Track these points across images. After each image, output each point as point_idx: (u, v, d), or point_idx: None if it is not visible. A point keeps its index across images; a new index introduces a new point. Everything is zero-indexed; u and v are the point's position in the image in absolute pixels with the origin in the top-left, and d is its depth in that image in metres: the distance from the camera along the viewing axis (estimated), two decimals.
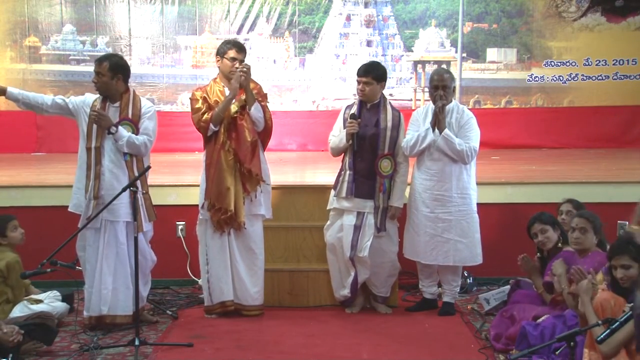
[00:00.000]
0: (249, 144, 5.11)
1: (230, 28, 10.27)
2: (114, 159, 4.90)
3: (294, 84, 10.35)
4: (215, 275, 5.21)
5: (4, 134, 9.71)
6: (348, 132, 5.15)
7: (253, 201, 5.18)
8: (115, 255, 4.91)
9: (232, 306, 5.25)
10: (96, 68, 4.95)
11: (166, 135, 9.65)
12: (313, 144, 9.94)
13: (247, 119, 5.12)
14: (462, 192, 5.20)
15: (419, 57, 10.36)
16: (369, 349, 4.61)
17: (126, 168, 4.91)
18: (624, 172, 7.39)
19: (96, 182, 4.86)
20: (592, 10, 10.15)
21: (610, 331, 3.09)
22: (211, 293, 5.24)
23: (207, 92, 5.19)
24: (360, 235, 5.17)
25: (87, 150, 4.93)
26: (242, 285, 5.23)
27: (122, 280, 4.91)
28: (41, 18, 10.15)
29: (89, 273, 4.96)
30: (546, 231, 4.82)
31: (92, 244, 4.93)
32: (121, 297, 4.91)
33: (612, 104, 9.99)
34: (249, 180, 5.13)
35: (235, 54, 5.13)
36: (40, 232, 5.73)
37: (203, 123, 5.11)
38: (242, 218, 5.12)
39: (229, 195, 5.08)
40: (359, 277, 5.24)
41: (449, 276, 5.37)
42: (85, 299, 5.03)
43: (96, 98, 5.00)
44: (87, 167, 4.92)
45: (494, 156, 8.53)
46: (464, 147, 5.08)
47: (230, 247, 5.20)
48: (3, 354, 4.20)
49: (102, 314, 4.92)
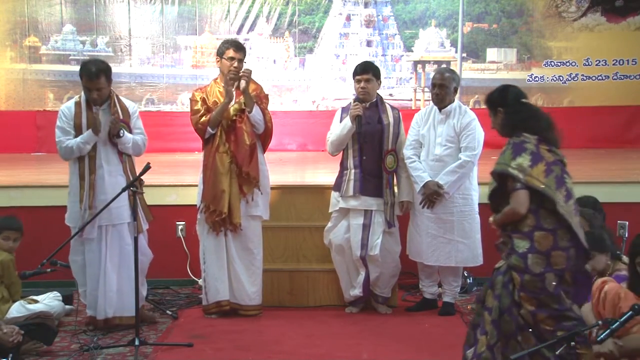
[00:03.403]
0: (247, 147, 5.11)
1: (230, 28, 10.27)
2: (111, 164, 4.88)
3: (294, 84, 10.36)
4: (211, 275, 5.21)
5: (4, 134, 9.72)
6: (352, 114, 5.11)
7: (250, 203, 5.18)
8: (119, 257, 4.90)
9: (227, 306, 5.25)
10: (94, 86, 4.78)
11: (166, 135, 9.68)
12: (313, 144, 9.94)
13: (246, 122, 5.12)
14: (464, 193, 5.20)
15: (419, 57, 10.36)
16: (369, 349, 4.61)
17: (123, 171, 4.90)
18: (624, 172, 7.38)
19: (91, 192, 4.82)
20: (592, 10, 10.16)
21: (610, 331, 3.08)
22: (207, 292, 5.25)
23: (206, 93, 5.20)
24: (370, 233, 5.16)
25: (78, 160, 4.87)
26: (239, 285, 5.23)
27: (126, 281, 4.89)
28: (41, 18, 10.16)
29: (91, 277, 4.93)
30: None
31: (93, 250, 4.90)
32: (126, 299, 4.88)
33: (612, 104, 9.99)
34: (245, 182, 5.14)
35: (233, 53, 5.12)
36: (40, 232, 5.73)
37: (200, 125, 5.12)
38: (238, 219, 5.12)
39: (224, 197, 5.09)
40: (370, 275, 5.24)
41: (450, 276, 5.37)
42: (87, 301, 5.01)
43: (71, 105, 4.92)
44: (79, 177, 4.87)
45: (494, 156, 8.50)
46: (461, 170, 5.08)
47: (228, 247, 5.20)
48: (3, 354, 4.20)
49: (107, 317, 4.91)
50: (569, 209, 3.51)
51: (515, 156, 3.57)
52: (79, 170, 4.87)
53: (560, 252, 3.49)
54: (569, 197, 3.54)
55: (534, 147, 3.59)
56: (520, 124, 3.66)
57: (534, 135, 3.63)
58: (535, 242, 3.51)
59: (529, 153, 3.56)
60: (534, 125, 3.66)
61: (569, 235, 3.52)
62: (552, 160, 3.58)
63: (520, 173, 3.52)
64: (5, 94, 10.16)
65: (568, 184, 3.57)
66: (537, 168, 3.53)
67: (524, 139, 3.62)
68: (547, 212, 3.52)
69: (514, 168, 3.54)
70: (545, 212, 3.53)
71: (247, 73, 5.06)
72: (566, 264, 3.50)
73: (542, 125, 3.66)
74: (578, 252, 3.53)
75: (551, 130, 3.68)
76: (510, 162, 3.58)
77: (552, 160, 3.58)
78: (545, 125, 3.67)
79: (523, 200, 3.51)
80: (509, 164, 3.57)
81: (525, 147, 3.59)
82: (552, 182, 3.52)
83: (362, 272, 5.25)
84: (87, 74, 4.82)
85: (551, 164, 3.57)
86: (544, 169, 3.54)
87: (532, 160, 3.54)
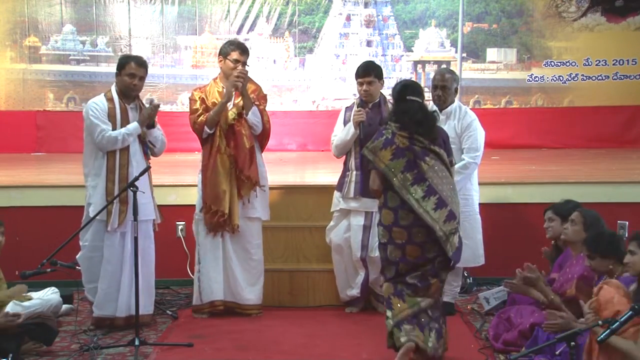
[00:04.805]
0: (247, 150, 5.11)
1: (230, 28, 10.27)
2: (138, 161, 4.94)
3: (294, 84, 10.36)
4: (206, 275, 5.21)
5: (4, 134, 9.72)
6: (356, 120, 5.10)
7: (246, 205, 5.18)
8: (141, 253, 4.78)
9: (221, 306, 5.24)
10: (140, 72, 4.91)
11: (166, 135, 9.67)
12: (313, 144, 9.94)
13: (245, 125, 5.13)
14: (464, 194, 5.18)
15: (419, 57, 10.37)
16: (369, 349, 4.61)
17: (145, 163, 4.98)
18: (624, 172, 7.38)
19: (121, 185, 4.82)
20: (592, 10, 10.16)
21: (611, 331, 3.08)
22: (201, 292, 5.24)
23: (205, 92, 5.20)
24: (371, 234, 5.15)
25: (107, 154, 4.87)
26: (236, 285, 5.22)
27: (144, 279, 4.86)
28: (41, 18, 10.16)
29: (110, 274, 4.92)
30: (552, 221, 4.80)
31: (115, 245, 4.91)
32: (143, 297, 4.84)
33: (612, 104, 10.00)
34: (244, 185, 5.14)
35: (238, 56, 5.12)
36: (40, 232, 5.74)
37: (198, 125, 5.13)
38: (237, 221, 5.13)
39: (225, 198, 5.09)
40: (370, 276, 5.24)
41: (450, 276, 5.34)
42: (97, 300, 4.99)
43: (102, 99, 4.94)
44: (107, 171, 4.87)
45: (494, 156, 8.52)
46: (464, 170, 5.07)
47: (225, 247, 5.21)
48: (3, 354, 4.20)
49: (131, 314, 4.85)
50: (413, 190, 4.04)
51: (374, 140, 4.18)
52: (107, 164, 4.87)
53: (400, 229, 4.06)
54: (417, 181, 4.05)
55: (390, 135, 4.13)
56: (393, 115, 4.22)
57: (397, 124, 4.14)
58: (381, 218, 4.19)
59: (384, 139, 4.13)
60: (402, 118, 4.15)
61: (412, 215, 4.04)
62: (405, 147, 4.08)
63: (370, 154, 4.15)
64: (5, 94, 10.16)
65: (423, 168, 4.06)
66: (385, 151, 4.10)
67: (387, 127, 4.19)
68: (394, 193, 4.09)
69: (368, 150, 4.17)
70: (392, 193, 4.10)
71: (243, 74, 5.05)
72: (407, 239, 4.06)
73: (412, 120, 4.12)
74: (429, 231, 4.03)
75: (421, 126, 4.12)
76: (369, 145, 4.20)
77: (405, 146, 4.08)
78: (414, 121, 4.12)
79: (373, 178, 4.18)
80: (367, 146, 4.20)
81: (383, 134, 4.17)
82: (398, 165, 4.06)
83: (362, 272, 5.25)
84: (136, 60, 4.95)
85: (404, 150, 4.08)
86: (392, 153, 4.08)
87: (383, 144, 4.11)
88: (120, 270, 4.93)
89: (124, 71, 4.92)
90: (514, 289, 4.67)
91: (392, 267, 4.16)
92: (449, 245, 4.08)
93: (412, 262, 4.10)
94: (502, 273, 5.79)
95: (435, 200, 4.03)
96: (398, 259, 4.12)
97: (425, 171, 4.06)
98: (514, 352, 4.25)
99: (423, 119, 4.13)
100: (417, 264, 4.10)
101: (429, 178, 4.05)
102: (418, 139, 4.10)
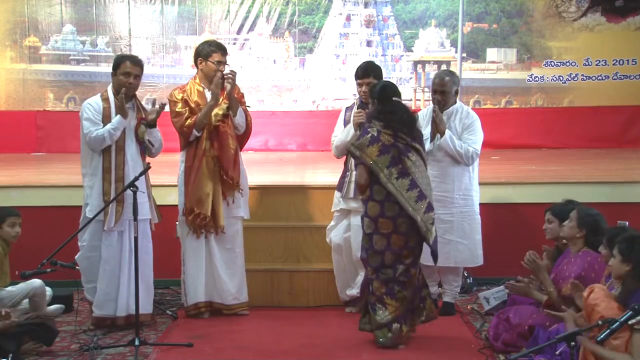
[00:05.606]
0: (232, 152, 5.11)
1: (230, 28, 10.27)
2: (135, 162, 4.94)
3: (294, 84, 10.35)
4: (190, 276, 5.22)
5: (4, 134, 9.71)
6: (356, 122, 5.10)
7: (231, 205, 5.18)
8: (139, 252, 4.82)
9: (204, 307, 5.23)
10: (135, 70, 4.92)
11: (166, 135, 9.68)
12: (313, 144, 9.93)
13: (230, 126, 5.13)
14: (464, 194, 5.20)
15: (419, 57, 10.37)
16: (369, 349, 4.61)
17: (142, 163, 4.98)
18: (624, 172, 7.38)
19: (118, 185, 4.83)
20: (592, 10, 10.16)
21: (610, 331, 3.08)
22: (187, 294, 5.25)
23: (187, 93, 5.17)
24: None
25: (103, 154, 4.87)
26: (222, 285, 5.22)
27: (143, 278, 4.85)
28: (41, 18, 10.16)
29: (108, 273, 4.93)
30: (551, 222, 4.80)
31: (113, 244, 4.92)
32: (142, 296, 4.82)
33: (612, 104, 10.00)
34: (228, 186, 5.14)
35: (220, 57, 5.12)
36: (40, 232, 5.73)
37: (186, 129, 5.09)
38: (222, 222, 5.13)
39: (207, 200, 5.08)
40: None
41: (450, 276, 5.37)
42: (96, 299, 4.99)
43: (97, 99, 4.95)
44: (104, 171, 4.88)
45: (494, 156, 8.53)
46: (464, 149, 5.09)
47: (209, 248, 5.20)
48: (3, 354, 4.20)
49: (130, 313, 4.86)
50: (398, 184, 4.38)
51: (360, 137, 4.48)
52: (103, 164, 4.87)
53: (386, 220, 4.40)
54: (401, 175, 4.39)
55: (375, 132, 4.42)
56: (379, 115, 4.49)
57: (381, 123, 4.44)
58: (367, 210, 4.48)
59: (370, 136, 4.41)
60: (389, 118, 4.46)
61: (397, 207, 4.39)
62: (390, 144, 4.40)
63: (357, 150, 4.43)
64: (5, 94, 10.16)
65: (407, 164, 4.40)
66: (371, 148, 4.39)
67: (372, 125, 4.47)
68: (380, 187, 4.40)
69: (355, 147, 4.45)
70: (378, 187, 4.42)
71: (232, 75, 5.04)
72: (392, 229, 4.40)
73: (399, 120, 4.46)
74: (412, 221, 4.39)
75: (405, 125, 4.47)
76: (355, 142, 4.49)
77: (390, 143, 4.40)
78: (400, 120, 4.46)
79: (360, 173, 4.47)
80: (353, 143, 4.49)
81: (368, 132, 4.45)
82: (384, 161, 4.37)
83: (362, 272, 5.23)
84: (131, 59, 4.99)
85: (389, 147, 4.40)
86: (378, 149, 4.37)
87: (370, 142, 4.40)
88: (119, 269, 4.94)
89: (119, 70, 4.92)
90: (514, 291, 4.68)
91: (377, 256, 4.49)
92: (429, 234, 4.45)
93: (396, 252, 4.46)
94: (502, 273, 5.79)
95: (417, 192, 4.42)
96: (384, 248, 4.46)
97: (409, 167, 4.43)
98: (513, 352, 4.25)
99: (408, 119, 4.52)
100: (401, 254, 4.47)
101: (412, 173, 4.42)
102: (401, 136, 4.45)
